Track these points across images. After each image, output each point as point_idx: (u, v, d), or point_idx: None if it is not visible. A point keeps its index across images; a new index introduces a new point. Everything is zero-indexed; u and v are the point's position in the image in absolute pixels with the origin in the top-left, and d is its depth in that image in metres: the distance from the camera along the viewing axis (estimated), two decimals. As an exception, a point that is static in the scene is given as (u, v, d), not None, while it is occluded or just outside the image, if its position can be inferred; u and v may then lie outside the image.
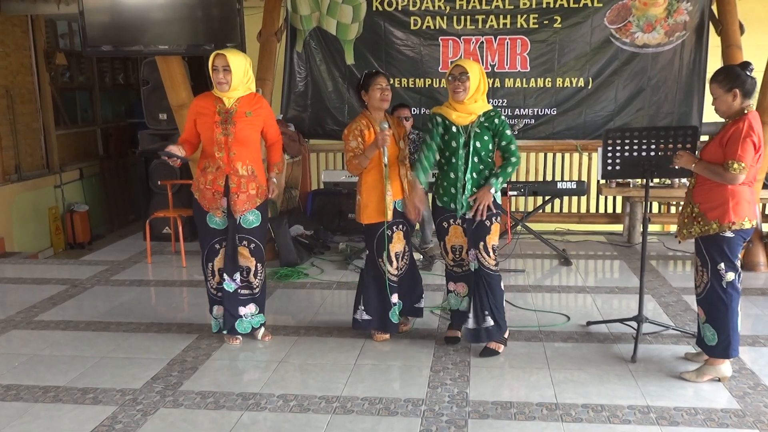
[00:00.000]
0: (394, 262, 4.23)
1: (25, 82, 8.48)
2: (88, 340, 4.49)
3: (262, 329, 4.44)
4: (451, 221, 4.08)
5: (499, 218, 4.02)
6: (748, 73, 3.52)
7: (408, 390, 3.66)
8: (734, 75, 3.52)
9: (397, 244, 4.23)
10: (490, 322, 4.04)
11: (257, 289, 4.36)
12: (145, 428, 3.30)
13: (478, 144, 3.93)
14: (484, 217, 3.93)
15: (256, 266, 4.29)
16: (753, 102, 3.61)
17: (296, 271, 5.96)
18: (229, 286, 4.27)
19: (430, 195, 6.51)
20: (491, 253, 4.00)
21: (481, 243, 3.98)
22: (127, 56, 10.12)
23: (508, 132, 3.96)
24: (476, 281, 4.06)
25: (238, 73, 4.02)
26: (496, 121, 3.94)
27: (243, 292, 4.32)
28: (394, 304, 4.29)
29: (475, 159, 3.94)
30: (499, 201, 4.02)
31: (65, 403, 3.57)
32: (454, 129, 3.95)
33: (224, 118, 4.06)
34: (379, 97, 4.10)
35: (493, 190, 3.91)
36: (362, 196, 4.19)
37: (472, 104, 3.93)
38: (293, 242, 6.25)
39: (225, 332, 4.38)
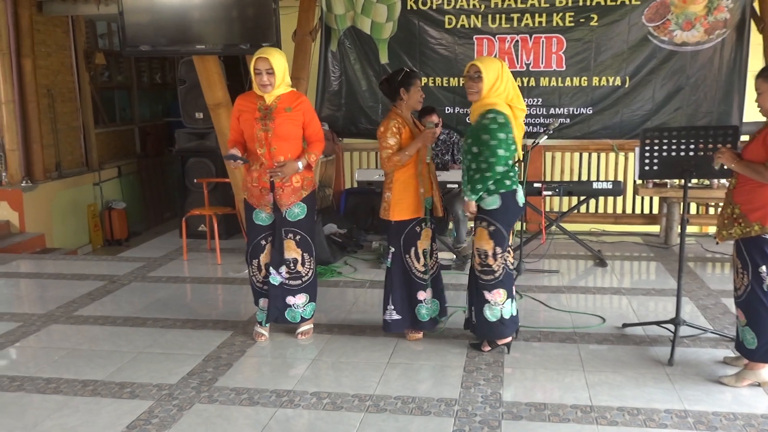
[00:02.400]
0: (422, 259, 4.25)
1: (65, 82, 8.65)
2: (126, 335, 4.56)
3: (306, 326, 4.46)
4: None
5: (484, 224, 3.93)
6: None
7: (441, 390, 3.65)
8: None
9: (425, 241, 4.24)
10: (474, 319, 4.13)
11: (307, 278, 4.37)
12: (181, 423, 3.35)
13: (464, 145, 3.96)
14: (472, 213, 3.98)
15: (303, 256, 4.31)
16: None
17: (330, 269, 5.98)
18: (275, 279, 4.31)
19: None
20: (477, 257, 3.98)
21: (475, 245, 4.02)
22: (165, 56, 10.27)
23: (486, 137, 3.78)
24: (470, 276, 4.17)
25: (280, 73, 4.07)
26: (480, 123, 3.84)
27: (292, 283, 4.35)
28: (420, 302, 4.28)
29: (467, 157, 3.95)
30: (488, 207, 3.91)
31: (103, 397, 3.63)
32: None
33: (264, 115, 4.10)
34: (419, 99, 4.15)
35: (467, 200, 3.94)
36: (393, 193, 4.16)
37: (478, 104, 3.89)
38: (327, 241, 6.28)
39: (257, 327, 4.43)
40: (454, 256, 6.19)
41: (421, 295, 4.28)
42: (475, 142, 3.85)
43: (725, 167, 3.62)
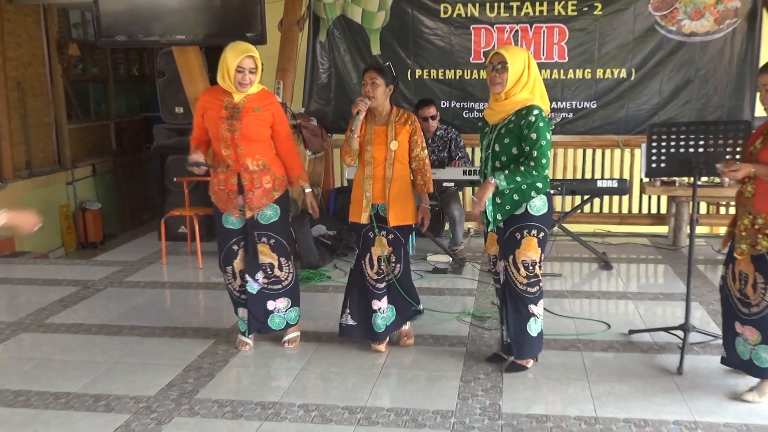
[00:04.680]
0: (375, 266, 4.18)
1: (36, 74, 8.60)
2: (101, 344, 4.54)
3: (292, 333, 4.45)
4: (489, 227, 3.94)
5: (534, 232, 3.77)
6: None
7: (436, 401, 3.64)
8: None
9: (380, 248, 4.16)
10: (507, 338, 3.95)
11: (287, 282, 4.34)
12: (160, 438, 3.34)
13: (497, 147, 3.75)
14: (482, 209, 3.73)
15: (279, 261, 4.28)
16: None
17: (318, 273, 5.97)
18: (252, 287, 4.29)
19: (460, 193, 6.51)
20: (522, 270, 3.81)
21: (510, 257, 3.82)
22: (143, 47, 10.24)
23: (534, 135, 3.61)
24: (504, 294, 3.95)
25: (260, 72, 4.06)
26: (523, 121, 3.64)
27: (272, 287, 4.33)
28: (375, 311, 4.22)
29: (497, 164, 3.77)
30: (538, 212, 3.77)
31: (77, 411, 3.61)
32: (486, 128, 3.87)
33: (231, 113, 4.05)
34: (363, 92, 4.09)
35: (493, 181, 3.65)
36: (352, 193, 4.25)
37: (506, 99, 3.71)
38: (315, 243, 6.26)
39: (240, 335, 4.42)
40: (450, 260, 6.19)
41: (376, 305, 4.22)
42: (515, 142, 3.69)
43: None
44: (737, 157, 3.75)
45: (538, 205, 3.77)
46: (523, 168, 3.64)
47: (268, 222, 4.22)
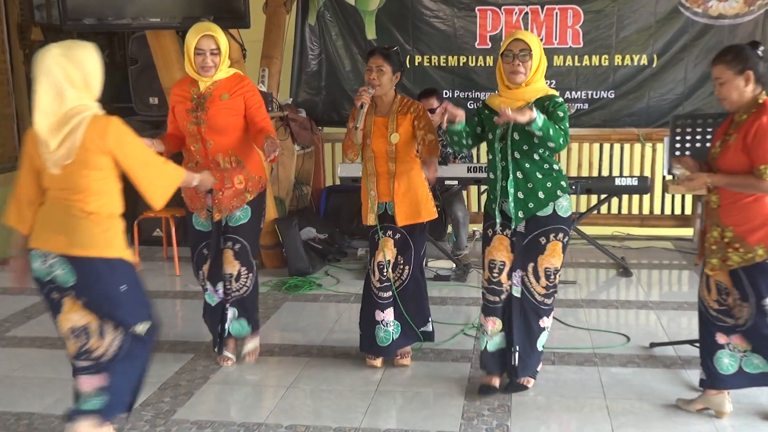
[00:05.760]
0: (377, 273, 4.18)
1: (-5, 61, 8.59)
2: (67, 359, 4.53)
3: (251, 344, 4.43)
4: (497, 229, 3.87)
5: (560, 236, 3.76)
6: (760, 54, 3.33)
7: (439, 421, 3.65)
8: (745, 55, 3.31)
9: (382, 253, 4.15)
10: (516, 360, 3.89)
11: (239, 293, 4.28)
12: (133, 463, 3.35)
13: (516, 135, 3.69)
14: (509, 115, 3.49)
15: (239, 271, 4.23)
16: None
17: (308, 281, 5.99)
18: (211, 298, 4.31)
19: (464, 192, 6.52)
20: (543, 279, 3.78)
21: (531, 264, 3.78)
22: (113, 31, 10.22)
23: (561, 114, 3.61)
24: (515, 310, 3.87)
25: (225, 53, 4.04)
26: (547, 102, 3.64)
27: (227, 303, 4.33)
28: (378, 323, 4.21)
29: (516, 155, 3.73)
30: (566, 213, 3.77)
31: (41, 433, 3.61)
32: (494, 118, 3.76)
33: (196, 104, 4.05)
34: (367, 79, 4.08)
35: (534, 113, 3.45)
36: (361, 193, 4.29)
37: (525, 88, 3.70)
38: (304, 247, 6.27)
39: (216, 351, 4.44)
40: (454, 266, 6.20)
41: (379, 316, 4.21)
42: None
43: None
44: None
45: (565, 206, 3.76)
46: (556, 128, 3.58)
47: (236, 224, 4.19)
